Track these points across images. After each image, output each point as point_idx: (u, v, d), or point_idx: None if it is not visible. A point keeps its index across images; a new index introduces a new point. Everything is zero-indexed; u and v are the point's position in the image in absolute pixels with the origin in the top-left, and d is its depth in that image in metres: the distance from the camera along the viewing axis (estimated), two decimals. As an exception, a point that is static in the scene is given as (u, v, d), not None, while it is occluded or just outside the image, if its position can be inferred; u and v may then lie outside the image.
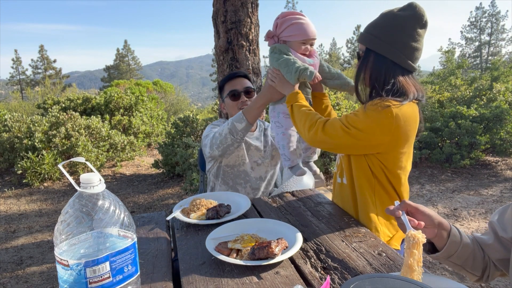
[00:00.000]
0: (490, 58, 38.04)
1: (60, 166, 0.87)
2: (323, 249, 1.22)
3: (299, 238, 1.22)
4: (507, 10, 56.12)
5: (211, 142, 1.85)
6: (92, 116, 7.87)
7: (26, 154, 6.22)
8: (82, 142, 6.44)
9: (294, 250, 1.15)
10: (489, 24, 39.61)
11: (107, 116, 8.89)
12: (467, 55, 40.17)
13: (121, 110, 9.27)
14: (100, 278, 0.84)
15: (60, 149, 6.38)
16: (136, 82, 19.07)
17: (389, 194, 1.48)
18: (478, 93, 7.18)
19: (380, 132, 1.31)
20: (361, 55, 1.45)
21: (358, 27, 45.01)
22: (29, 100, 16.47)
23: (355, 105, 6.43)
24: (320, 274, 1.07)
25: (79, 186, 0.87)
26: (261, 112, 1.73)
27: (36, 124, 6.91)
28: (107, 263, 0.85)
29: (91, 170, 0.89)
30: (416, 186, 5.30)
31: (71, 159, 0.95)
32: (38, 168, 6.01)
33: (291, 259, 1.16)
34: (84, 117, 7.52)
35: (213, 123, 2.14)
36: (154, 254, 1.25)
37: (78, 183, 0.87)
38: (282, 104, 1.65)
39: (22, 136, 6.67)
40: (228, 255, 1.15)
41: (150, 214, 1.64)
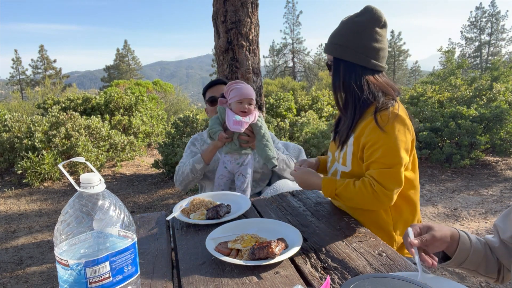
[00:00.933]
0: (490, 58, 38.03)
1: (60, 166, 0.87)
2: (323, 249, 1.22)
3: (299, 238, 1.22)
4: (507, 10, 56.14)
5: (175, 178, 2.16)
6: (92, 116, 7.87)
7: (26, 154, 6.22)
8: (82, 142, 6.44)
9: (294, 250, 1.15)
10: (489, 24, 39.59)
11: (107, 116, 8.88)
12: (467, 55, 40.15)
13: (121, 110, 9.27)
14: (100, 278, 0.84)
15: (60, 149, 6.38)
16: (136, 82, 19.07)
17: (406, 200, 1.50)
18: (478, 93, 7.17)
19: (406, 132, 1.38)
20: (330, 65, 1.49)
21: (358, 27, 44.95)
22: (29, 100, 16.47)
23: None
24: (320, 274, 1.07)
25: (79, 186, 0.86)
26: (213, 154, 2.08)
27: (36, 124, 6.91)
28: (107, 263, 0.85)
29: (91, 170, 0.89)
30: (416, 186, 5.29)
31: (71, 159, 0.95)
32: (38, 168, 6.01)
33: (291, 259, 1.16)
34: (84, 117, 7.52)
35: (188, 145, 2.29)
36: (154, 254, 1.25)
37: (78, 183, 0.87)
38: (223, 153, 2.04)
39: (22, 136, 6.67)
40: (228, 255, 1.15)
41: (150, 214, 1.64)
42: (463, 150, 5.83)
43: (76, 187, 0.86)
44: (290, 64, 41.36)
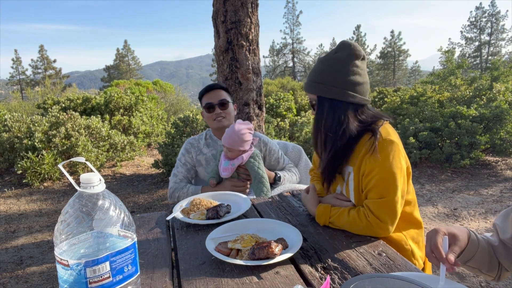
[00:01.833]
0: (490, 58, 38.02)
1: (60, 166, 0.87)
2: (323, 249, 1.22)
3: (299, 238, 1.22)
4: (507, 10, 56.12)
5: (169, 193, 2.17)
6: (92, 116, 7.87)
7: (26, 154, 6.21)
8: (82, 142, 6.44)
9: (294, 250, 1.15)
10: (489, 24, 39.58)
11: (107, 116, 8.88)
12: (467, 55, 40.15)
13: (121, 110, 9.26)
14: (100, 278, 0.84)
15: (60, 149, 6.38)
16: (136, 82, 19.05)
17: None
18: (478, 93, 7.18)
19: (401, 158, 1.36)
20: (314, 105, 1.47)
21: (358, 27, 45.02)
22: (29, 100, 16.44)
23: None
24: (320, 274, 1.07)
25: (79, 186, 0.86)
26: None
27: (36, 124, 6.90)
28: (107, 263, 0.85)
29: (91, 170, 0.89)
30: (416, 186, 5.30)
31: (71, 159, 0.95)
32: (38, 168, 6.01)
33: (291, 259, 1.16)
34: (84, 117, 7.51)
35: (183, 152, 2.29)
36: (154, 254, 1.25)
37: (78, 183, 0.87)
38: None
39: (22, 136, 6.67)
40: (228, 255, 1.15)
41: (150, 214, 1.64)
42: (463, 150, 5.83)
43: (76, 187, 0.86)
44: (290, 64, 41.37)
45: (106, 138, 7.17)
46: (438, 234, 1.02)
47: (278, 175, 2.17)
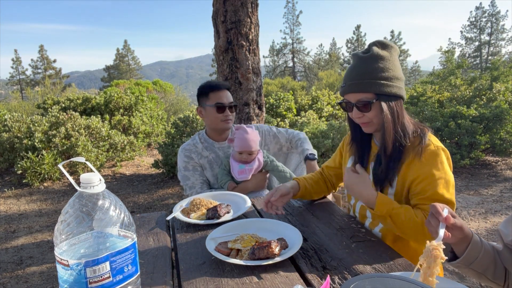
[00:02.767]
0: (490, 58, 38.01)
1: (60, 166, 0.87)
2: (323, 249, 1.22)
3: (299, 238, 1.22)
4: (507, 10, 56.06)
5: (186, 193, 2.17)
6: (92, 116, 7.87)
7: (26, 154, 6.21)
8: (82, 142, 6.44)
9: (294, 250, 1.15)
10: (489, 24, 39.58)
11: (107, 116, 8.88)
12: (467, 55, 40.13)
13: (121, 110, 9.26)
14: (100, 278, 0.84)
15: (60, 149, 6.38)
16: (136, 82, 19.05)
17: None
18: (478, 93, 7.17)
19: (448, 165, 1.34)
20: (372, 104, 1.34)
21: (358, 27, 45.02)
22: (29, 100, 16.44)
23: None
24: (320, 274, 1.07)
25: (79, 186, 0.86)
26: None
27: (36, 124, 6.90)
28: (107, 263, 0.85)
29: (91, 170, 0.89)
30: (416, 186, 5.29)
31: (71, 159, 0.95)
32: (38, 168, 6.01)
33: (291, 259, 1.16)
34: (84, 117, 7.51)
35: (185, 160, 2.19)
36: (154, 254, 1.25)
37: (78, 183, 0.87)
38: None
39: (22, 136, 6.67)
40: (228, 255, 1.15)
41: (150, 214, 1.64)
42: (463, 150, 5.83)
43: (76, 187, 0.86)
44: (290, 64, 41.36)
45: (106, 138, 7.17)
46: (443, 206, 1.02)
47: (311, 154, 2.21)
